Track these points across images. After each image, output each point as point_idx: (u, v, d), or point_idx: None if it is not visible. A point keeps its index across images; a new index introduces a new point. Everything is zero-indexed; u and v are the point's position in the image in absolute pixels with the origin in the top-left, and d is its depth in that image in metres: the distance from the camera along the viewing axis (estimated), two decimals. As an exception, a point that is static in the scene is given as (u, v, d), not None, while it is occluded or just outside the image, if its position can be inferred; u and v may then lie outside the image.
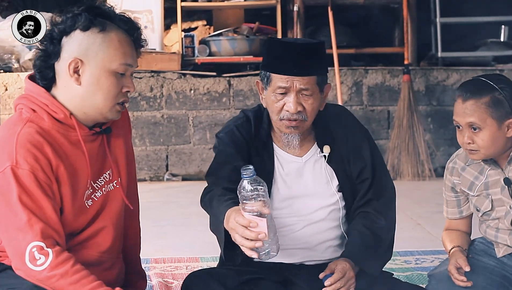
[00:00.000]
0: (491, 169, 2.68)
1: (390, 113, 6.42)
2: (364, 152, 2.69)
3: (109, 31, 2.26)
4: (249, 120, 2.69)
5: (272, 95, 2.57)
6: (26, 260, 2.15)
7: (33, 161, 2.18)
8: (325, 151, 2.65)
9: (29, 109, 2.27)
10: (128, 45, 2.30)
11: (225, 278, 2.57)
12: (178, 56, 6.27)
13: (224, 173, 2.58)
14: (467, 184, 2.74)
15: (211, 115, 6.32)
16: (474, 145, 2.60)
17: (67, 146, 2.27)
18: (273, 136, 2.68)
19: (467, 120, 2.59)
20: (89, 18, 2.24)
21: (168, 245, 4.25)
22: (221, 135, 2.68)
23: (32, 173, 2.17)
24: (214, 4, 6.62)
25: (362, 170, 2.67)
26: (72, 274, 2.16)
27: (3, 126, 2.29)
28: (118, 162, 2.43)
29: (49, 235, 2.18)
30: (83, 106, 2.28)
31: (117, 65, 2.27)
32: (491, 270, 2.69)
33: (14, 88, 6.09)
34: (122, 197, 2.42)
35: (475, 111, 2.57)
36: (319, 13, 6.73)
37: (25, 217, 2.16)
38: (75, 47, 2.25)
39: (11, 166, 2.16)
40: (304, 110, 2.55)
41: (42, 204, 2.18)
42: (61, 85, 2.28)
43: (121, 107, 2.34)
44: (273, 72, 2.57)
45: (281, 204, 2.63)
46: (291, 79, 2.53)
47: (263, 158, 2.65)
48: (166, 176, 6.31)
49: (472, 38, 7.15)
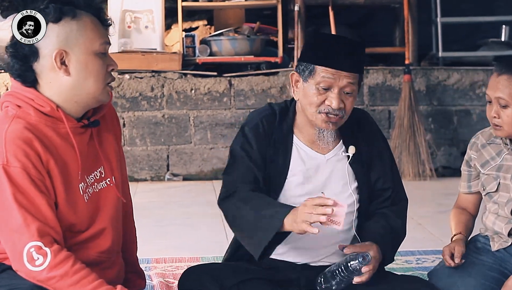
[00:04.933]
0: (508, 154, 2.72)
1: (391, 113, 6.42)
2: (385, 160, 2.71)
3: (80, 16, 2.26)
4: (275, 113, 2.69)
5: (314, 88, 2.54)
6: (24, 261, 2.15)
7: (24, 158, 2.16)
8: (350, 151, 2.65)
9: (15, 106, 2.25)
10: (100, 25, 2.31)
11: (222, 276, 2.57)
12: (179, 56, 6.27)
13: (244, 174, 2.61)
14: (482, 161, 2.78)
15: (212, 115, 6.32)
16: (499, 120, 2.64)
17: (56, 139, 2.25)
18: (297, 131, 2.67)
19: (496, 94, 2.62)
20: (58, 8, 2.23)
21: (169, 245, 4.25)
22: (246, 129, 2.67)
23: (24, 170, 2.16)
24: (215, 4, 6.62)
25: (381, 178, 2.69)
26: (72, 274, 2.16)
27: None
28: (110, 159, 2.41)
29: (46, 233, 2.16)
30: (74, 96, 2.28)
31: (98, 45, 2.27)
32: (489, 267, 2.71)
33: (15, 88, 6.10)
34: (116, 194, 2.40)
35: (507, 87, 2.60)
36: (320, 13, 6.73)
37: (20, 217, 2.14)
38: (53, 40, 2.23)
39: (2, 165, 2.15)
40: (344, 108, 2.55)
41: (37, 202, 2.17)
42: (45, 82, 2.27)
43: (111, 88, 2.34)
44: (321, 64, 2.53)
45: (297, 199, 2.60)
46: (339, 73, 2.51)
47: (279, 151, 2.64)
48: (167, 176, 6.31)
49: (473, 38, 7.14)
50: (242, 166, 2.63)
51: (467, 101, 6.44)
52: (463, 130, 6.40)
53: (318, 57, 2.55)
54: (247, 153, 2.63)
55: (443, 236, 4.12)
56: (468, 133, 6.09)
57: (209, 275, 2.56)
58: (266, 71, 6.37)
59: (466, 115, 6.41)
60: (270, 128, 2.66)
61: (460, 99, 6.46)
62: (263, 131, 2.65)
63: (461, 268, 2.68)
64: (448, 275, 2.69)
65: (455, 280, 2.66)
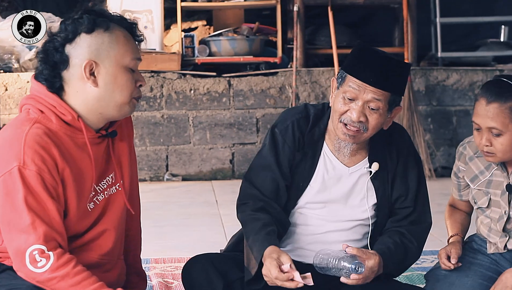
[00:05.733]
0: (497, 170, 2.66)
1: (390, 113, 6.42)
2: (410, 178, 2.65)
3: (113, 29, 2.27)
4: (308, 117, 2.66)
5: (341, 96, 2.52)
6: (26, 262, 2.15)
7: (40, 163, 2.17)
8: (374, 168, 2.61)
9: (37, 110, 2.26)
10: (132, 40, 2.32)
11: (227, 269, 2.57)
12: (178, 56, 6.26)
13: (264, 182, 2.61)
14: (471, 175, 2.73)
15: (211, 115, 6.31)
16: (492, 148, 2.56)
17: (73, 149, 2.27)
18: (327, 138, 2.65)
19: (488, 124, 2.53)
20: (92, 19, 2.24)
21: (168, 245, 4.25)
22: (276, 131, 2.66)
23: (39, 174, 2.17)
24: (214, 4, 6.62)
25: (403, 197, 2.63)
26: (73, 275, 2.16)
27: (10, 125, 2.28)
28: (122, 165, 2.42)
29: (52, 238, 2.18)
30: (99, 107, 2.29)
31: (129, 60, 2.29)
32: (487, 267, 2.71)
33: (14, 88, 6.09)
34: (124, 201, 2.42)
35: (498, 115, 2.51)
36: (319, 13, 6.73)
37: (29, 219, 2.15)
38: (84, 50, 2.24)
39: (18, 167, 2.16)
40: (367, 122, 2.51)
41: (47, 206, 2.18)
42: (72, 91, 2.28)
43: (136, 101, 2.35)
44: (350, 73, 2.51)
45: (313, 205, 2.63)
46: (364, 86, 2.48)
47: (308, 156, 2.63)
48: (166, 176, 6.31)
49: (472, 38, 7.15)
50: (264, 172, 2.63)
51: (466, 101, 6.44)
52: (462, 130, 6.40)
53: (351, 66, 2.53)
54: (275, 157, 2.62)
55: (442, 236, 4.11)
56: (468, 133, 6.04)
57: (214, 268, 2.56)
58: (265, 71, 6.37)
59: (465, 115, 6.41)
60: (302, 133, 2.63)
61: (459, 99, 6.46)
62: (292, 135, 2.62)
63: (458, 269, 2.68)
64: (445, 276, 2.69)
65: (452, 281, 2.67)
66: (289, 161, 2.62)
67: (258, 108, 6.32)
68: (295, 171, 2.63)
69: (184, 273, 2.64)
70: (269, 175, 2.62)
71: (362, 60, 2.52)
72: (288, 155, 2.62)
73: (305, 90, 6.32)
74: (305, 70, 6.34)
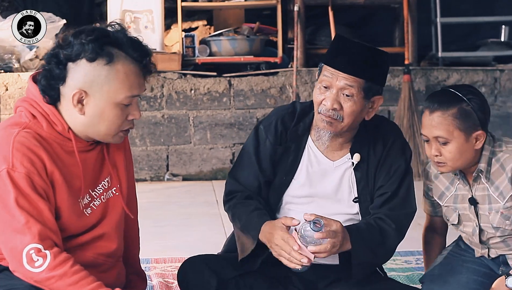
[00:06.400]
0: (459, 183, 2.66)
1: (391, 113, 6.42)
2: (394, 168, 2.63)
3: (116, 63, 2.22)
4: (294, 112, 2.69)
5: (318, 87, 2.57)
6: (23, 262, 2.15)
7: (29, 165, 2.17)
8: (355, 159, 2.62)
9: (29, 114, 2.26)
10: (136, 76, 2.26)
11: (221, 268, 2.59)
12: (178, 56, 6.27)
13: (248, 178, 2.65)
14: (438, 193, 2.73)
15: (212, 115, 6.31)
16: (442, 158, 2.55)
17: (63, 154, 2.27)
18: (312, 134, 2.66)
19: (434, 133, 2.53)
20: (96, 50, 2.20)
21: (168, 245, 4.25)
22: (261, 127, 2.69)
23: (28, 176, 2.17)
24: (214, 4, 6.62)
25: (384, 186, 2.62)
26: (71, 275, 2.16)
27: (0, 126, 2.28)
28: (118, 167, 2.42)
29: (47, 237, 2.17)
30: (85, 131, 2.29)
31: (122, 98, 2.25)
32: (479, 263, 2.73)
33: (15, 88, 6.09)
34: (122, 205, 2.41)
35: (442, 123, 2.51)
36: (320, 13, 6.73)
37: (23, 219, 2.15)
38: (80, 77, 2.22)
39: (7, 169, 2.17)
40: (342, 110, 2.52)
41: (40, 206, 2.18)
42: (66, 107, 2.27)
43: (125, 133, 2.33)
44: (325, 63, 2.56)
45: (299, 200, 2.64)
46: (336, 73, 2.51)
47: (290, 149, 2.65)
48: (166, 176, 6.31)
49: (472, 38, 7.15)
50: (247, 168, 2.67)
51: (466, 101, 6.43)
52: (462, 130, 6.39)
53: (326, 56, 2.57)
54: (256, 154, 2.66)
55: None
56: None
57: (208, 267, 2.58)
58: (265, 71, 6.37)
59: (465, 115, 6.40)
60: (285, 128, 2.66)
61: (459, 99, 6.45)
62: (275, 130, 2.66)
63: (451, 267, 2.70)
64: (439, 275, 2.70)
65: (447, 279, 2.68)
66: (270, 156, 2.65)
67: (258, 108, 6.32)
68: (278, 165, 2.65)
69: (179, 275, 2.65)
70: (252, 171, 2.65)
71: (336, 49, 2.56)
72: (269, 150, 2.65)
73: (305, 90, 6.32)
74: (306, 70, 6.34)
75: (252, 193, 2.65)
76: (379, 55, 2.59)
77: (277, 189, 2.66)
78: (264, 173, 2.65)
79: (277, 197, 2.66)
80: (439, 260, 2.79)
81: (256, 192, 2.66)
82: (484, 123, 2.55)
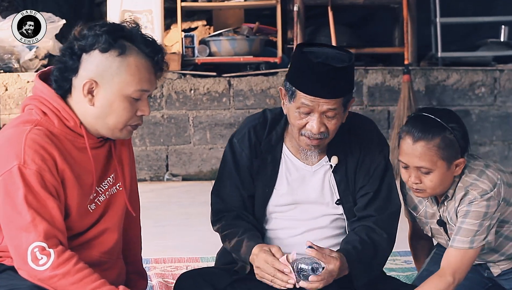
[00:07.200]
0: (428, 202, 2.65)
1: (390, 113, 6.42)
2: (373, 167, 2.62)
3: (128, 55, 2.24)
4: (266, 121, 2.66)
5: (296, 112, 2.50)
6: (28, 259, 2.16)
7: (40, 162, 2.18)
8: (333, 161, 2.61)
9: (40, 111, 2.27)
10: (146, 70, 2.28)
11: (216, 278, 2.58)
12: (178, 56, 6.27)
13: (232, 195, 2.66)
14: (412, 204, 2.72)
15: (211, 115, 6.32)
16: (422, 185, 2.52)
17: (74, 151, 2.28)
18: (287, 140, 2.64)
19: (417, 163, 2.48)
20: (109, 41, 2.22)
21: (168, 245, 4.25)
22: (234, 140, 2.69)
23: (39, 173, 2.18)
24: (214, 4, 6.62)
25: (366, 186, 2.61)
26: (74, 273, 2.17)
27: (11, 124, 2.28)
28: (123, 164, 2.44)
29: (53, 235, 2.18)
30: (95, 124, 2.29)
31: (132, 91, 2.26)
32: None
33: (14, 88, 6.09)
34: (125, 200, 2.42)
35: (426, 154, 2.46)
36: (319, 13, 6.73)
37: (29, 217, 2.16)
38: (92, 67, 2.24)
39: (19, 165, 2.17)
40: (327, 130, 2.50)
41: (48, 204, 2.19)
42: (76, 100, 2.28)
43: (133, 128, 2.34)
44: (299, 90, 2.47)
45: (282, 208, 2.64)
46: (317, 100, 2.45)
47: (267, 161, 2.63)
48: (166, 176, 6.31)
49: (472, 38, 7.14)
50: (229, 185, 2.66)
51: (466, 101, 6.44)
52: (462, 130, 6.39)
53: (299, 82, 2.48)
54: (235, 168, 2.65)
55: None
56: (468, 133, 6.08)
57: (202, 279, 2.58)
58: (265, 71, 6.37)
59: (465, 115, 6.40)
60: (258, 139, 2.64)
61: (459, 99, 6.46)
62: (248, 142, 2.64)
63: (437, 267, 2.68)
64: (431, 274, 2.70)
65: None
66: (248, 169, 2.64)
67: (258, 108, 6.32)
68: (257, 178, 2.64)
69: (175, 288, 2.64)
70: (234, 187, 2.64)
71: (306, 73, 2.46)
72: (246, 163, 2.64)
73: (305, 90, 6.32)
74: (305, 70, 6.33)
75: (238, 211, 2.64)
76: (346, 67, 2.49)
77: (260, 201, 2.65)
78: (245, 186, 2.64)
79: (261, 209, 2.66)
80: (427, 262, 2.81)
81: (241, 208, 2.65)
82: (464, 151, 2.52)
